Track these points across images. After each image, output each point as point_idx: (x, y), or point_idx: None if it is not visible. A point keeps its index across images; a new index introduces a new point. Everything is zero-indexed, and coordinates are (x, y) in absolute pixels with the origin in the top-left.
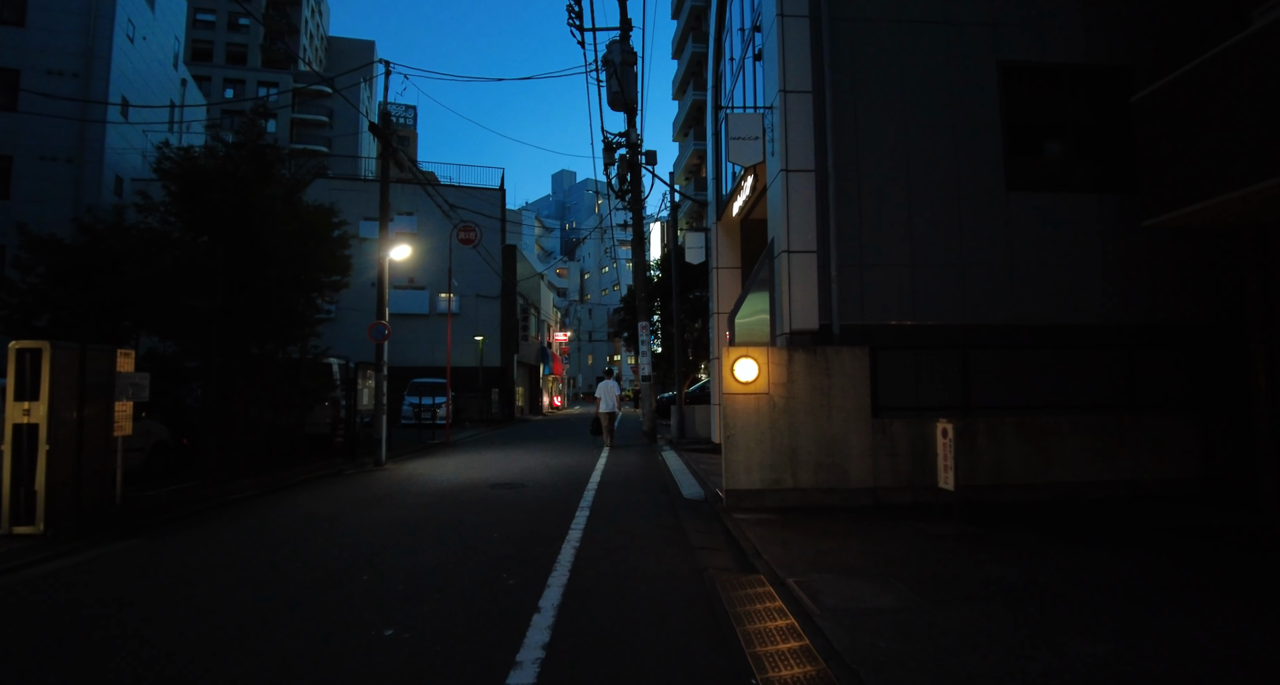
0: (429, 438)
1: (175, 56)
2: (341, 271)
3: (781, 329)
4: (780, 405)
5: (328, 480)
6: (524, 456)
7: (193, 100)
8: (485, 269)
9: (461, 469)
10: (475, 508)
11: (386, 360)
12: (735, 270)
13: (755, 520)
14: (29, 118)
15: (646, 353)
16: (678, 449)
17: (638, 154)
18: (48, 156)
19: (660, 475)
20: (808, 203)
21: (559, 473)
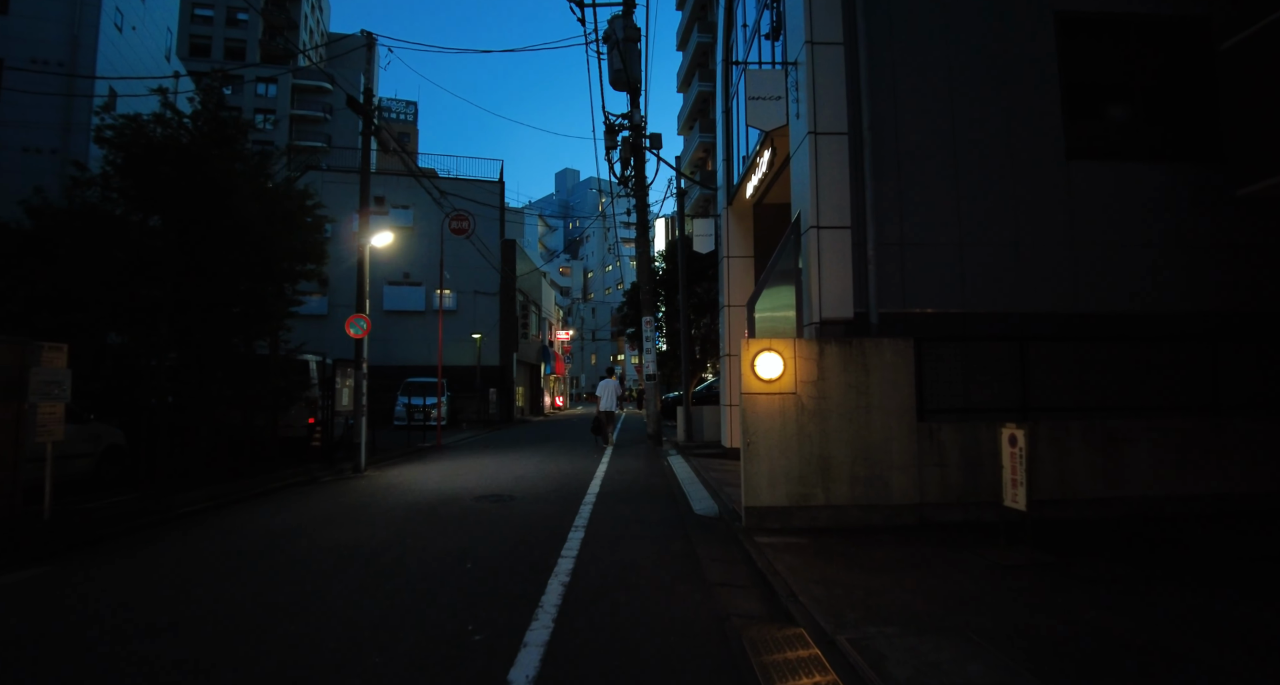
0: (420, 440)
1: (168, 49)
2: (317, 260)
3: (810, 318)
4: (809, 407)
5: (297, 489)
6: (518, 462)
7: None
8: (483, 264)
9: (447, 477)
10: (452, 527)
11: (367, 356)
12: (747, 259)
13: (783, 545)
14: (11, 108)
15: (651, 350)
16: (685, 453)
17: (641, 136)
18: (31, 148)
19: (667, 484)
20: (840, 171)
21: (554, 481)
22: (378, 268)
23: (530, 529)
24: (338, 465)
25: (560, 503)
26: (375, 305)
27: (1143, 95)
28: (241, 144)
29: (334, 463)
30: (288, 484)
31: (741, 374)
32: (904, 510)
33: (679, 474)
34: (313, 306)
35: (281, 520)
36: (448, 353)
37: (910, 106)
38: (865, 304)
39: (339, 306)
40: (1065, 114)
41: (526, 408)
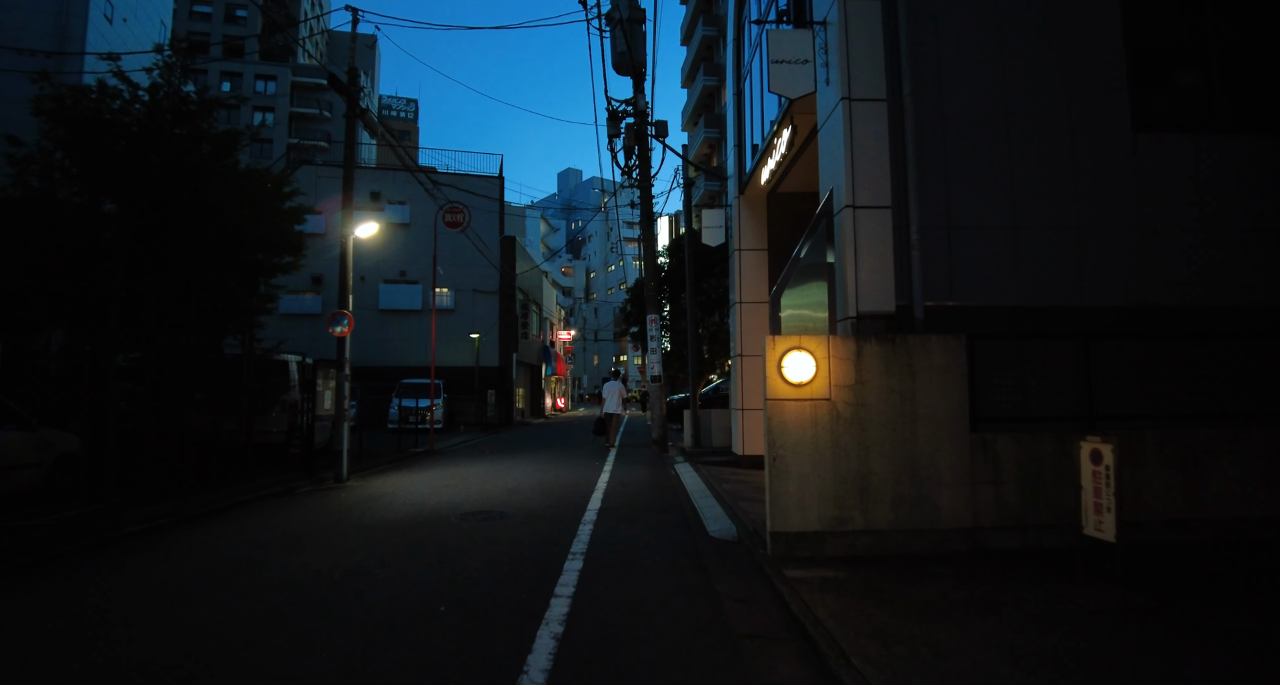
0: (412, 445)
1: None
2: (293, 251)
3: (845, 312)
4: (846, 415)
5: (267, 502)
6: (514, 470)
7: None
8: (482, 262)
9: (436, 488)
10: (431, 554)
11: (351, 356)
12: (760, 252)
13: (819, 581)
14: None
15: (656, 350)
16: (693, 461)
17: (646, 122)
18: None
19: (676, 498)
20: (877, 142)
21: (552, 494)
22: (374, 266)
23: (520, 557)
24: (319, 474)
25: (557, 521)
26: (370, 304)
27: (1221, 58)
28: (207, 121)
29: (314, 471)
30: (259, 496)
31: (766, 376)
32: (954, 535)
33: (688, 485)
34: (306, 305)
35: (239, 542)
36: (445, 353)
37: (956, 70)
38: (908, 295)
39: (333, 305)
40: (1131, 80)
41: (527, 410)
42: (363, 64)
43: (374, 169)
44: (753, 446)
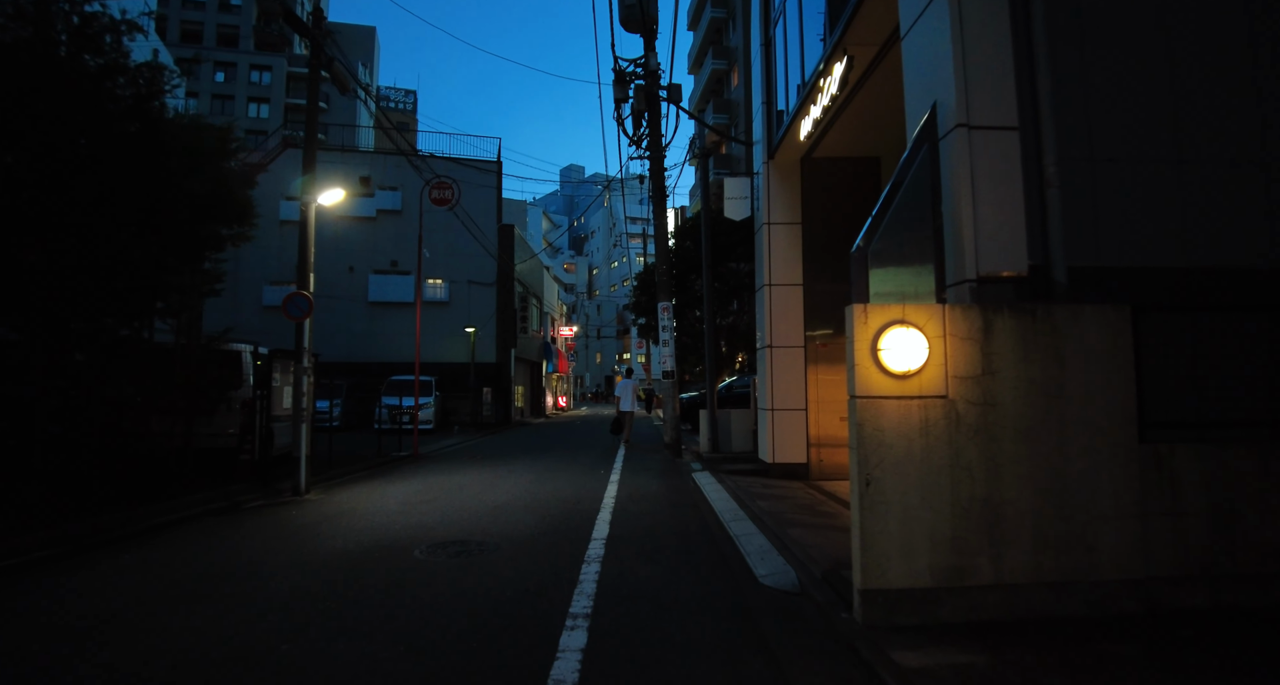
0: (396, 448)
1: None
2: (240, 219)
3: (958, 274)
4: (970, 419)
5: (194, 525)
6: (506, 479)
7: None
8: (479, 252)
9: (409, 503)
10: (371, 616)
11: (309, 346)
12: (793, 227)
13: (950, 673)
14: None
15: (669, 342)
16: (713, 469)
17: (657, 84)
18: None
19: (701, 519)
20: (996, 38)
21: (549, 513)
22: (364, 255)
23: (498, 623)
24: (274, 485)
25: (552, 556)
26: (359, 296)
27: None
28: (120, 53)
29: (270, 482)
30: (190, 515)
31: (854, 364)
32: (1118, 590)
33: (714, 501)
34: None
35: (114, 590)
36: (438, 348)
37: None
38: (1043, 251)
39: (320, 297)
40: None
41: (526, 408)
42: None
43: (364, 152)
44: (786, 453)
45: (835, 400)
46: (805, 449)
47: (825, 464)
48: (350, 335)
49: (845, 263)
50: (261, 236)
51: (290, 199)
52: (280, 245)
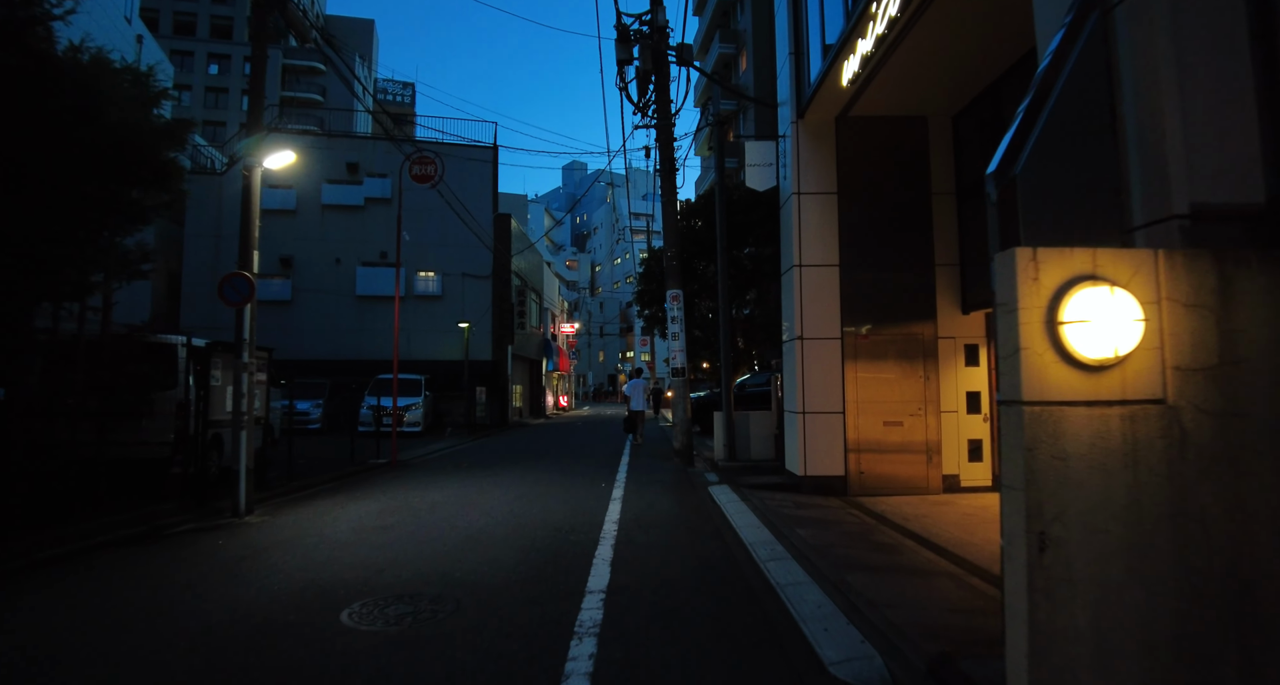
0: (374, 454)
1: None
2: (163, 183)
3: (1153, 208)
4: (1202, 439)
5: (91, 558)
6: (489, 495)
7: (149, 60)
8: (473, 243)
9: (363, 531)
10: None
11: (252, 337)
12: (828, 198)
13: None
14: None
15: (679, 334)
16: (733, 482)
17: (665, 43)
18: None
19: (729, 555)
20: None
21: (533, 548)
22: (351, 246)
23: None
24: (215, 503)
25: (529, 627)
26: (347, 290)
27: None
28: None
29: (209, 500)
30: (92, 544)
31: (1022, 348)
32: None
33: (741, 528)
34: (273, 291)
35: None
36: (430, 345)
37: None
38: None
39: (305, 291)
40: None
41: (525, 409)
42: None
43: (352, 137)
44: (820, 464)
45: (879, 401)
46: (843, 459)
47: (867, 477)
48: (337, 331)
49: (890, 247)
50: None
51: (274, 187)
52: (263, 235)
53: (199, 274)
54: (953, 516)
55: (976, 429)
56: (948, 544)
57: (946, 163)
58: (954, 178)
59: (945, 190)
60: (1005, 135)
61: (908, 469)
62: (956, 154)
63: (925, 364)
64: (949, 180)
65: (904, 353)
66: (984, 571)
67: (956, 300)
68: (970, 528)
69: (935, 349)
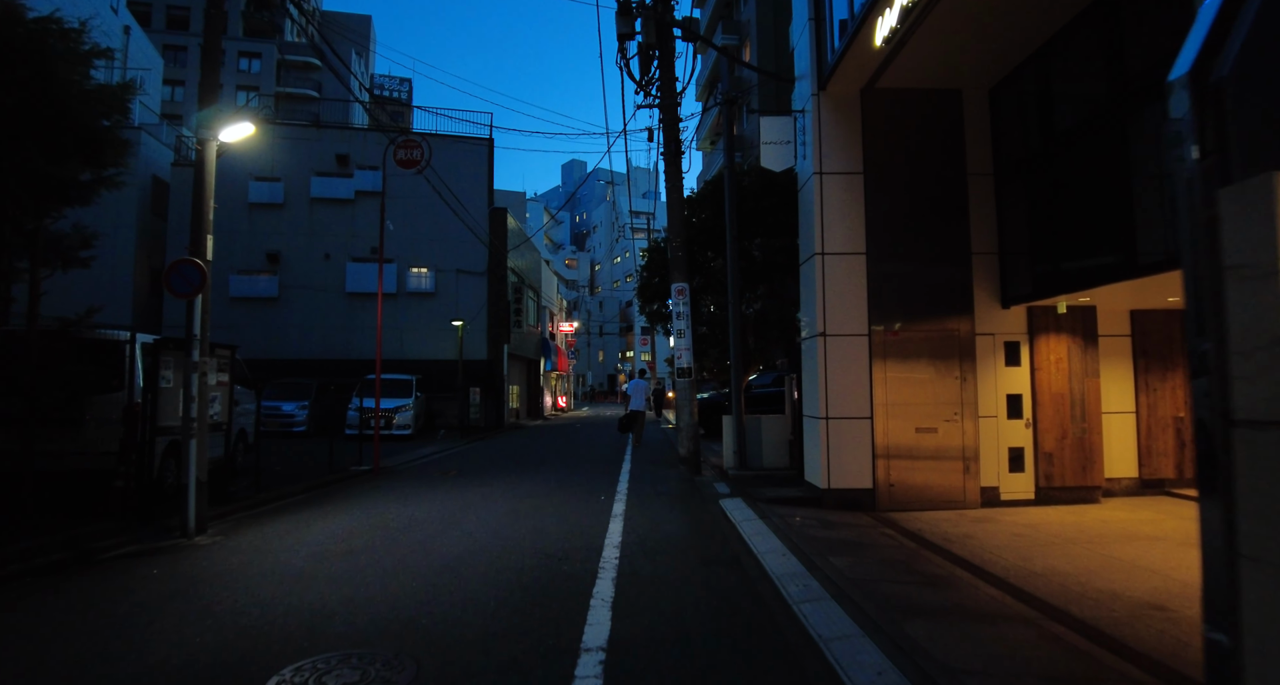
0: (356, 461)
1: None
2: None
3: None
4: None
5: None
6: (475, 511)
7: (138, 51)
8: (468, 239)
9: (323, 557)
10: None
11: (204, 332)
12: (853, 179)
13: None
14: None
15: (685, 331)
16: (745, 493)
17: (670, 12)
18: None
19: (756, 597)
20: None
21: (518, 585)
22: (340, 241)
23: None
24: (166, 520)
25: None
26: (336, 286)
27: None
28: None
29: (154, 517)
30: (6, 573)
31: None
32: None
33: (764, 554)
34: (260, 287)
35: None
36: (423, 344)
37: None
38: None
39: (292, 288)
40: None
41: (522, 410)
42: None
43: (342, 128)
44: (845, 475)
45: (910, 404)
46: (871, 470)
47: (897, 490)
48: (326, 330)
49: (921, 234)
50: (228, 221)
51: (260, 179)
52: (250, 230)
53: None
54: (1002, 537)
55: (1018, 436)
56: (1008, 575)
57: (983, 141)
58: (991, 157)
59: (982, 171)
60: (1197, 26)
61: (942, 481)
62: (994, 131)
63: (962, 364)
64: (986, 160)
65: (938, 351)
66: (1064, 615)
67: (996, 293)
68: (1026, 552)
69: (972, 347)
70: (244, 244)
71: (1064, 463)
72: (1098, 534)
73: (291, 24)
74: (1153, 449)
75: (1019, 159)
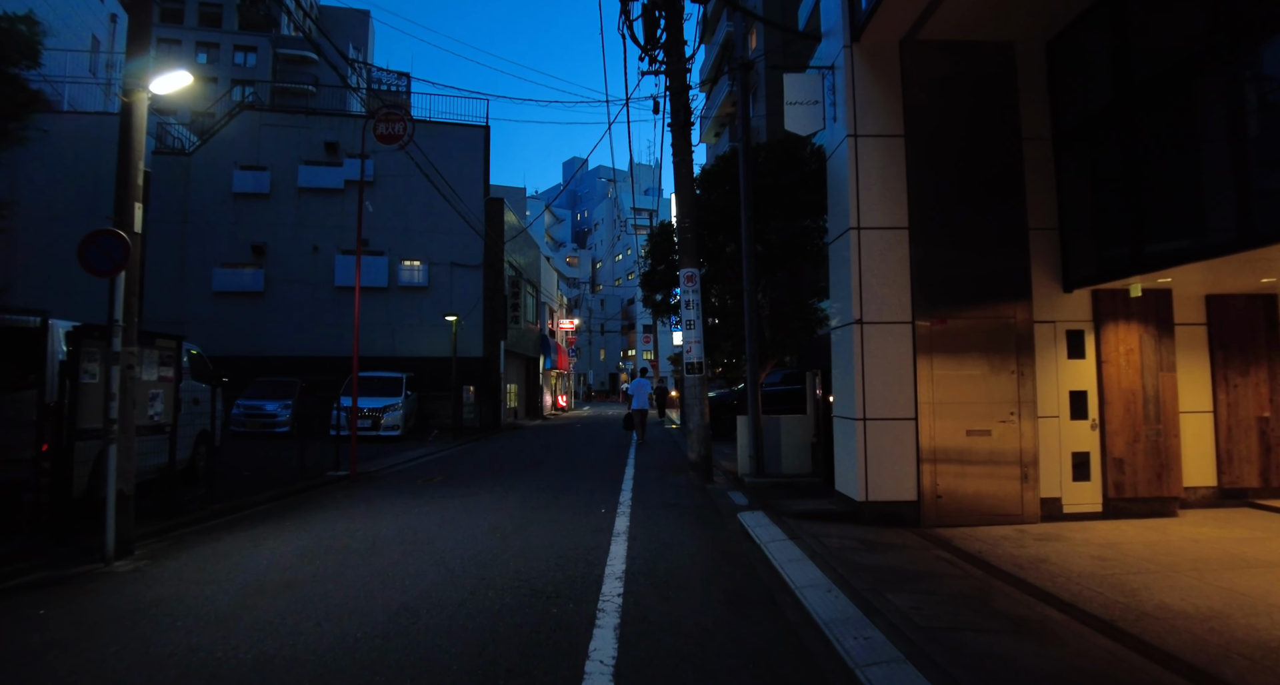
0: (333, 466)
1: None
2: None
3: None
4: None
5: None
6: (451, 530)
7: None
8: (463, 231)
9: (260, 592)
10: None
11: (125, 318)
12: (893, 142)
13: None
14: None
15: (695, 322)
16: (766, 505)
17: None
18: None
19: (807, 657)
20: None
21: (495, 635)
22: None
23: None
24: (83, 540)
25: None
26: (325, 280)
27: None
28: None
29: (74, 537)
30: None
31: None
32: None
33: (804, 591)
34: (245, 281)
35: None
36: (415, 340)
37: None
38: None
39: (279, 281)
40: None
41: (521, 409)
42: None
43: (331, 115)
44: (885, 485)
45: (961, 402)
46: (915, 480)
47: (945, 502)
48: (314, 325)
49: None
50: (211, 211)
51: (246, 168)
52: (234, 221)
53: (163, 263)
54: (1081, 562)
55: (1082, 439)
56: (1115, 617)
57: (1039, 100)
58: (1050, 119)
59: (1039, 135)
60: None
61: (997, 491)
62: (1053, 89)
63: (1019, 356)
64: (1043, 122)
65: (991, 342)
66: (1216, 681)
67: (1056, 275)
68: (1122, 583)
69: (1030, 337)
70: (228, 236)
71: (1136, 470)
72: (1196, 558)
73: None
74: (1234, 454)
75: (1082, 120)
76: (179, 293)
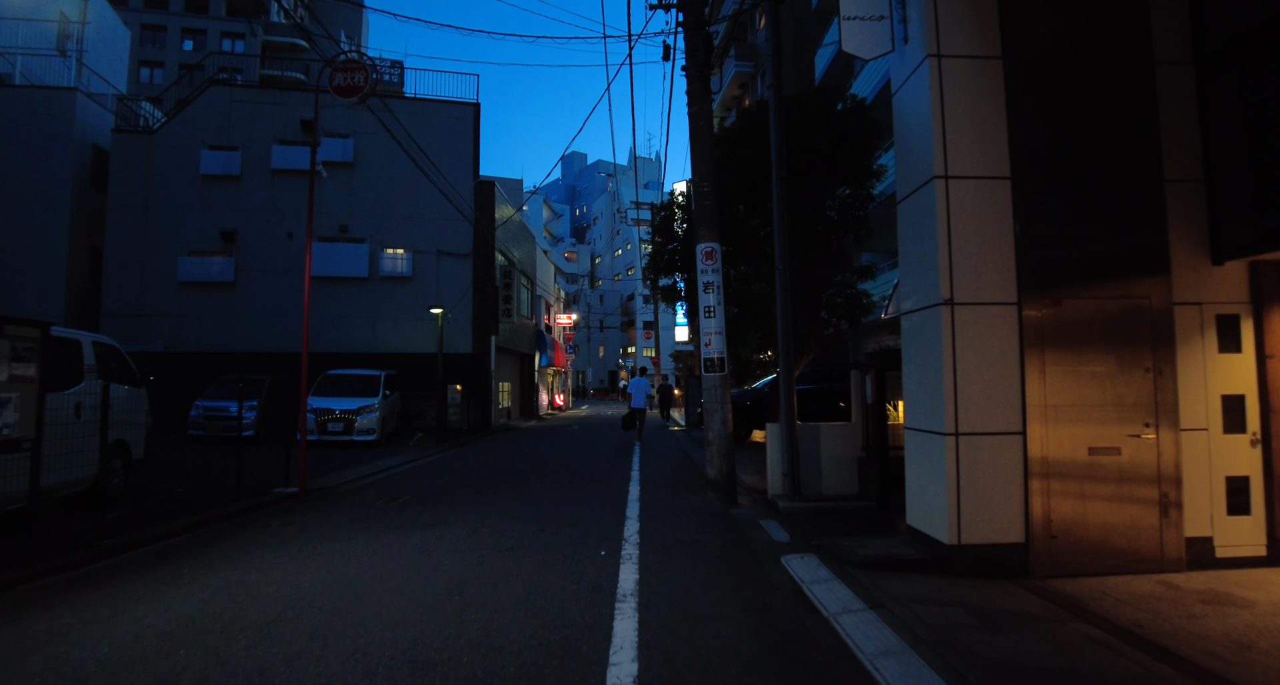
0: (283, 480)
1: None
2: None
3: None
4: None
5: None
6: (402, 584)
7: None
8: (452, 217)
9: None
10: None
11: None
12: (988, 63)
13: None
14: None
15: (715, 308)
16: (818, 545)
17: None
18: None
19: None
20: None
21: None
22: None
23: None
24: None
25: None
26: (300, 270)
27: None
28: None
29: None
30: None
31: None
32: None
33: None
34: (214, 270)
35: None
36: (399, 335)
37: None
38: None
39: (251, 270)
40: None
41: (515, 408)
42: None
43: (308, 91)
44: (986, 523)
45: (1080, 408)
46: (1021, 513)
47: (1061, 543)
48: (287, 318)
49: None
50: (176, 195)
51: (215, 148)
52: (201, 205)
53: (123, 251)
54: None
55: (1239, 459)
56: None
57: (1178, 11)
58: (1190, 38)
59: (1176, 59)
60: None
61: (1128, 527)
62: (1195, 1)
63: (1155, 348)
64: (1182, 43)
65: (1118, 330)
66: None
67: (1202, 242)
68: None
69: (1169, 322)
70: (195, 221)
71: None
72: None
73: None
74: None
75: (1237, 36)
76: (140, 283)
